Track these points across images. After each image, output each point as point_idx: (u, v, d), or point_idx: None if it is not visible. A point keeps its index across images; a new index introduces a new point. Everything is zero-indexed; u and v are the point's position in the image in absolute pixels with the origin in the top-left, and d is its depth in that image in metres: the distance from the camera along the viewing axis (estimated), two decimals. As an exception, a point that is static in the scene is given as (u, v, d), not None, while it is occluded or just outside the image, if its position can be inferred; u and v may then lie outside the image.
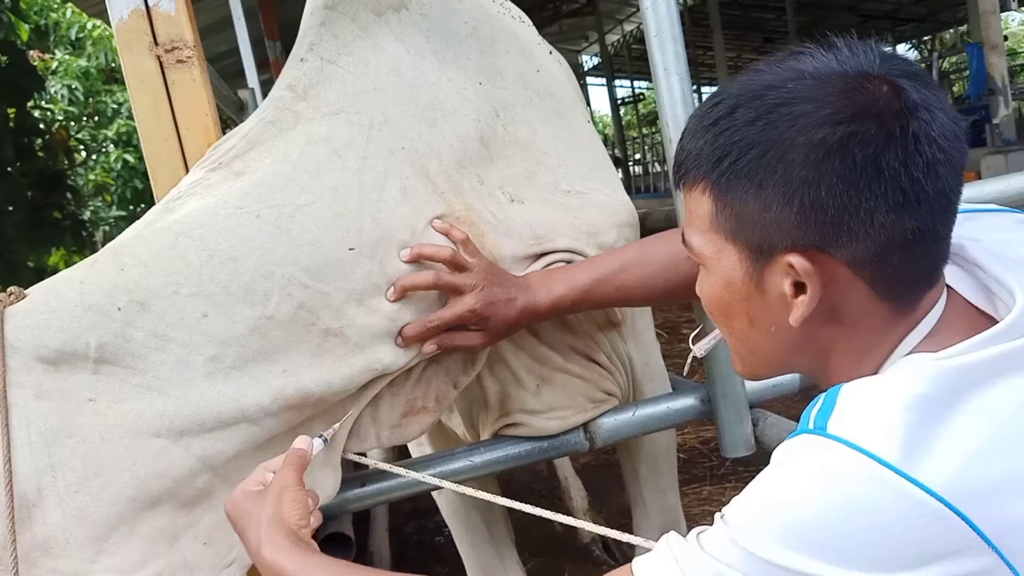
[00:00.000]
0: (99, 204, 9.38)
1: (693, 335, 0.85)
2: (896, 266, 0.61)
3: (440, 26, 1.14)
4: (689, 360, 0.86)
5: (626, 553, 2.45)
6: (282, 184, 0.92)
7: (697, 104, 1.16)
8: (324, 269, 0.90)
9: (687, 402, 1.22)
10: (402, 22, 1.10)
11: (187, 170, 1.02)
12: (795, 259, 0.61)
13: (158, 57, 0.99)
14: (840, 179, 0.59)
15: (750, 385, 1.21)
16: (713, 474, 3.01)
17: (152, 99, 0.99)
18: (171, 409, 0.82)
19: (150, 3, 1.00)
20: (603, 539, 2.52)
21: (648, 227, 1.35)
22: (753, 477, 0.63)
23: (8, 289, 0.83)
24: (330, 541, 1.07)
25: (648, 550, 1.49)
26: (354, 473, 1.15)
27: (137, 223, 0.93)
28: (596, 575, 2.48)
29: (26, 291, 0.84)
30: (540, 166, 1.19)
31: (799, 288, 0.62)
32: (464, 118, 1.11)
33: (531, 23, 1.44)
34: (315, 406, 0.92)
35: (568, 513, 2.67)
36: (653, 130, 24.50)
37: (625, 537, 0.92)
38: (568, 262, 1.13)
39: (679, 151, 0.70)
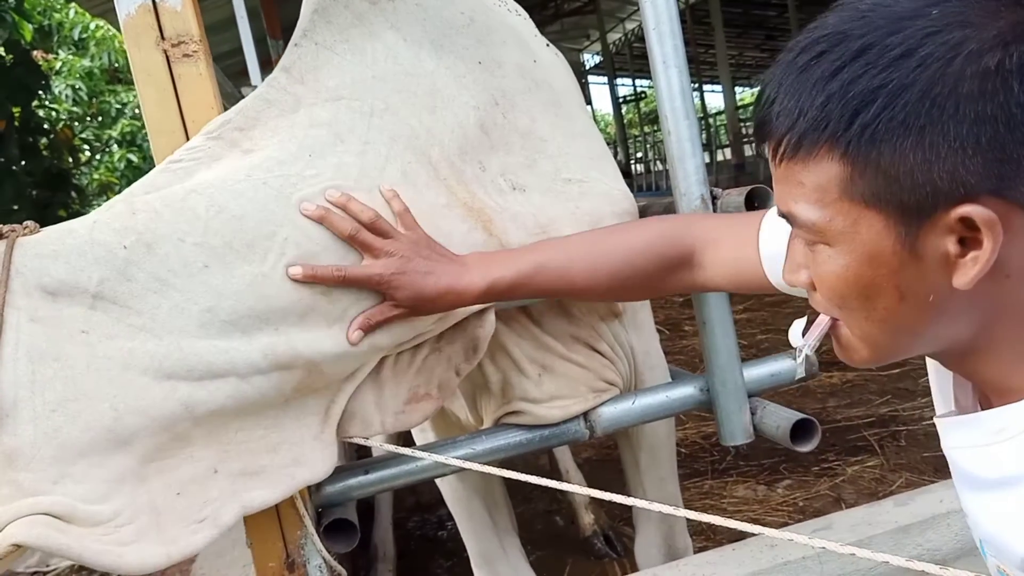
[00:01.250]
0: (103, 203, 9.41)
1: (794, 330, 0.73)
2: None
3: (436, 16, 1.15)
4: (801, 359, 0.72)
5: (627, 546, 2.46)
6: (289, 159, 0.95)
7: (696, 99, 1.19)
8: (318, 230, 0.92)
9: (686, 391, 1.24)
10: (398, 11, 1.11)
11: (193, 162, 1.04)
12: (972, 210, 0.53)
13: (165, 51, 1.01)
14: (1019, 107, 0.52)
15: (748, 374, 1.22)
16: (714, 468, 3.02)
17: (159, 93, 1.01)
18: (162, 351, 0.84)
19: (157, -2, 1.02)
20: (604, 532, 2.54)
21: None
22: (754, 471, 0.62)
23: (24, 223, 0.86)
24: (334, 528, 1.09)
25: (646, 540, 1.50)
26: (358, 461, 1.17)
27: (148, 177, 0.95)
28: (597, 568, 2.50)
29: (40, 227, 0.87)
30: (540, 154, 1.21)
31: (964, 244, 0.55)
32: (463, 105, 1.12)
33: (527, 16, 1.45)
34: (307, 369, 0.93)
35: (569, 507, 2.69)
36: (655, 128, 24.48)
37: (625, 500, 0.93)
38: None
39: (766, 118, 0.61)
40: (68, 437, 0.80)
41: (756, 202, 1.12)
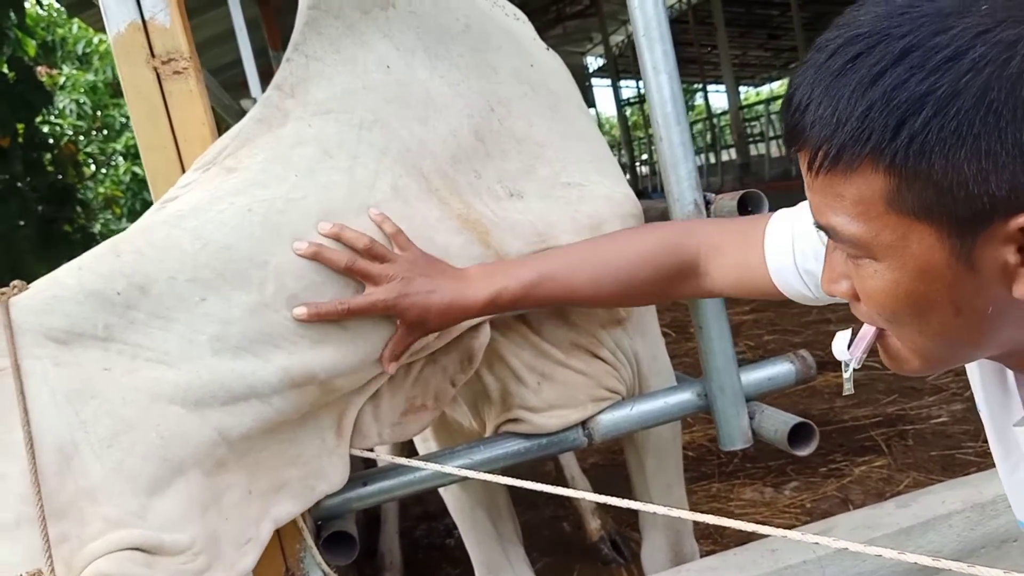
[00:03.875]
0: (109, 217, 9.48)
1: (839, 343, 0.68)
2: None
3: (431, 23, 1.15)
4: (849, 374, 0.68)
5: (634, 551, 2.46)
6: (274, 181, 0.94)
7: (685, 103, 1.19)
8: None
9: (684, 396, 1.23)
10: (390, 19, 1.11)
11: (185, 178, 1.04)
12: None
13: (155, 69, 1.02)
14: None
15: (746, 378, 1.21)
16: (722, 471, 3.01)
17: (150, 110, 1.02)
18: (184, 380, 0.85)
19: (146, 16, 1.02)
20: (611, 538, 2.53)
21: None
22: (761, 473, 0.60)
23: (12, 283, 0.86)
24: (334, 540, 1.09)
25: (653, 546, 1.49)
26: (357, 473, 1.17)
27: (136, 222, 0.96)
28: (605, 574, 2.49)
29: (28, 284, 0.87)
30: (538, 160, 1.20)
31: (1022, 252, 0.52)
32: (457, 113, 1.12)
33: (526, 19, 1.45)
34: (323, 388, 0.94)
35: (576, 513, 2.68)
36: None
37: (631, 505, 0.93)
38: None
39: (798, 128, 0.56)
40: (133, 469, 0.81)
41: (749, 206, 1.12)
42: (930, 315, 0.57)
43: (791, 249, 0.88)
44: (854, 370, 0.68)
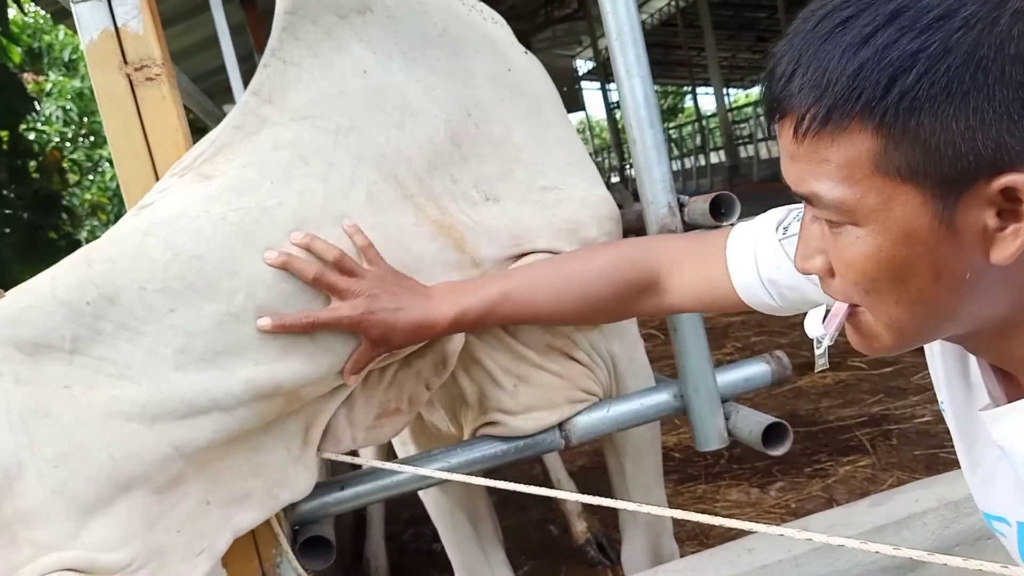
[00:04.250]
0: (95, 224, 9.44)
1: (811, 320, 0.69)
2: None
3: (408, 27, 1.15)
4: (823, 350, 0.68)
5: (620, 553, 2.46)
6: (249, 189, 0.94)
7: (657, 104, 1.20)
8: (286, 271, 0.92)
9: (660, 398, 1.24)
10: (367, 24, 1.11)
11: (158, 184, 1.04)
12: (1017, 179, 0.50)
13: (128, 75, 1.02)
14: None
15: (722, 379, 1.22)
16: (708, 472, 3.02)
17: (123, 117, 1.02)
18: (143, 396, 0.85)
19: (119, 23, 1.03)
20: (598, 540, 2.54)
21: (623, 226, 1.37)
22: (747, 474, 0.60)
23: None
24: (310, 545, 1.09)
25: (633, 547, 1.50)
26: (334, 477, 1.17)
27: (111, 229, 0.96)
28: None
29: (4, 292, 0.87)
30: (515, 164, 1.21)
31: (1004, 216, 0.52)
32: (434, 118, 1.12)
33: (504, 23, 1.46)
34: (288, 398, 0.94)
35: (563, 515, 2.69)
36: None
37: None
38: None
39: (782, 96, 0.57)
40: (76, 490, 0.81)
41: (722, 208, 1.13)
42: (909, 281, 0.57)
43: (753, 260, 0.90)
44: (828, 347, 0.68)
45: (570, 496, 0.99)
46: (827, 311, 0.67)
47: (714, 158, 16.85)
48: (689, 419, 1.22)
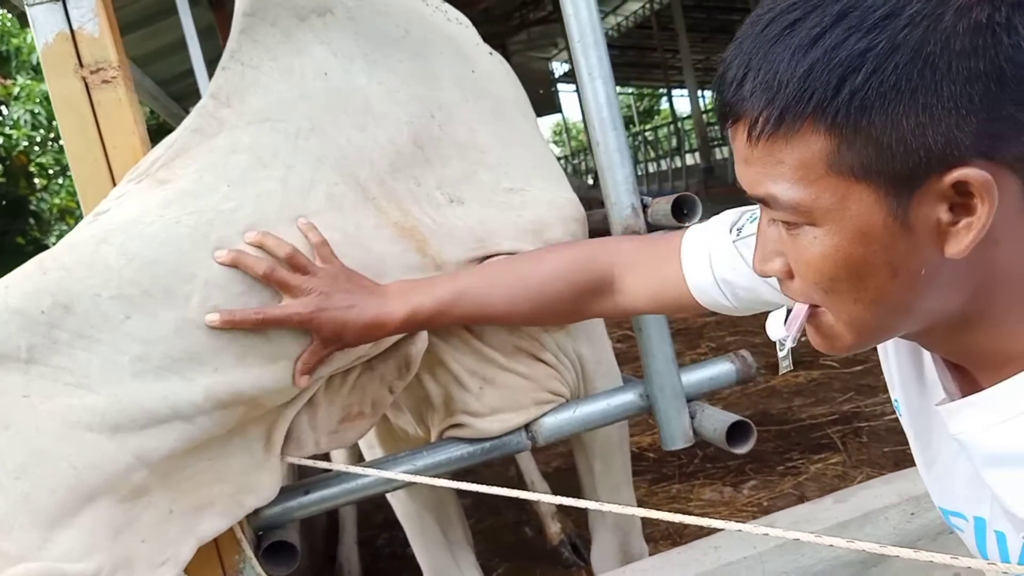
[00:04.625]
0: (64, 228, 9.31)
1: (773, 323, 0.70)
2: None
3: (370, 29, 1.15)
4: (785, 352, 0.68)
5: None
6: (205, 192, 0.93)
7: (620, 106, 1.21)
8: (243, 273, 0.91)
9: (626, 398, 1.24)
10: (328, 26, 1.11)
11: (115, 188, 1.03)
12: (968, 173, 0.51)
13: (83, 79, 1.01)
14: (1009, 61, 0.50)
15: (687, 378, 1.23)
16: (682, 472, 3.04)
17: (79, 120, 1.00)
18: (102, 405, 0.84)
19: (75, 26, 1.01)
20: (571, 541, 2.54)
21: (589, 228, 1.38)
22: (720, 473, 0.59)
23: None
24: (274, 550, 1.08)
25: (602, 547, 1.50)
26: (298, 481, 1.17)
27: (66, 236, 0.94)
28: (565, 576, 2.51)
29: None
30: (480, 166, 1.21)
31: (956, 210, 0.53)
32: (396, 121, 1.12)
33: (469, 23, 1.46)
34: (249, 405, 0.93)
35: (535, 516, 2.69)
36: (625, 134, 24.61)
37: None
38: None
39: (734, 100, 0.57)
40: (39, 501, 0.80)
41: (685, 209, 1.14)
42: (868, 279, 0.57)
43: (708, 261, 0.90)
44: (790, 348, 0.68)
45: (535, 496, 1.00)
46: (788, 313, 0.68)
47: (689, 160, 16.96)
48: (655, 418, 1.23)
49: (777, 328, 0.69)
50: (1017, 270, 0.57)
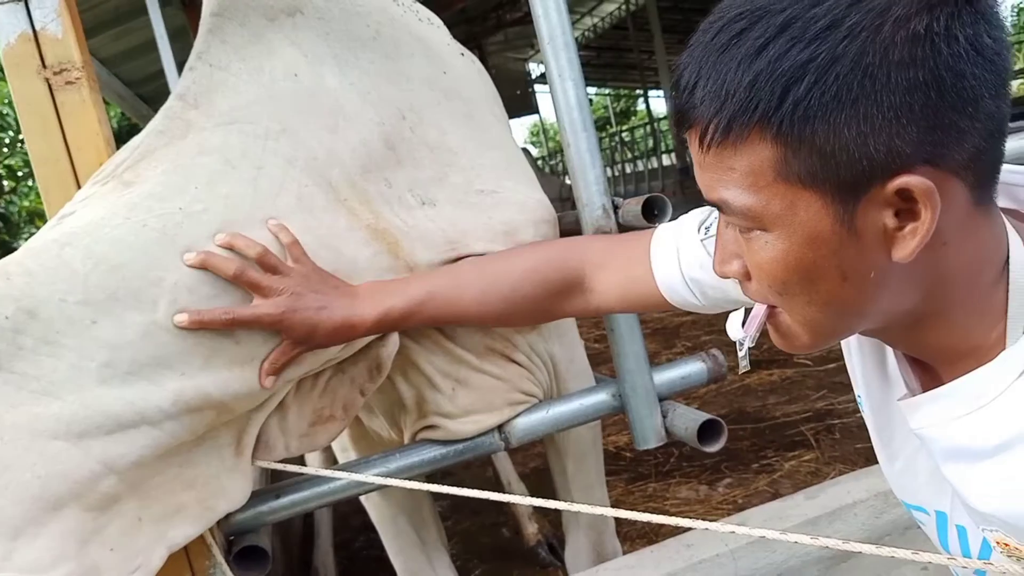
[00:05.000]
0: (34, 231, 9.15)
1: (732, 323, 0.72)
2: (989, 162, 0.55)
3: (340, 30, 1.14)
4: (744, 352, 0.69)
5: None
6: (172, 194, 0.92)
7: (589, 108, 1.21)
8: (212, 275, 0.90)
9: (599, 398, 1.25)
10: (297, 27, 1.10)
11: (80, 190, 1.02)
12: (910, 180, 0.52)
13: (47, 80, 0.99)
14: (948, 70, 0.50)
15: (658, 378, 1.24)
16: (658, 471, 3.06)
17: (42, 122, 0.99)
18: (68, 413, 0.82)
19: (37, 27, 1.00)
20: (548, 541, 2.55)
21: (560, 229, 1.38)
22: (696, 471, 0.60)
23: None
24: (245, 555, 1.07)
25: (575, 547, 1.50)
26: (269, 485, 1.16)
27: (30, 240, 0.93)
28: (542, 577, 2.51)
29: None
30: (451, 167, 1.21)
31: (899, 217, 0.54)
32: (367, 122, 1.11)
33: (440, 24, 1.46)
34: (218, 410, 0.92)
35: (513, 517, 2.69)
36: (602, 135, 24.73)
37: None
38: None
39: (687, 107, 0.58)
40: (3, 512, 0.79)
41: (655, 210, 1.14)
42: (819, 283, 0.58)
43: (676, 259, 0.91)
44: (748, 348, 0.69)
45: (506, 498, 1.00)
46: (746, 313, 0.69)
47: (666, 160, 17.05)
48: (627, 418, 1.24)
49: (736, 329, 0.71)
50: (966, 269, 0.58)
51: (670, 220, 1.15)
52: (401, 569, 1.45)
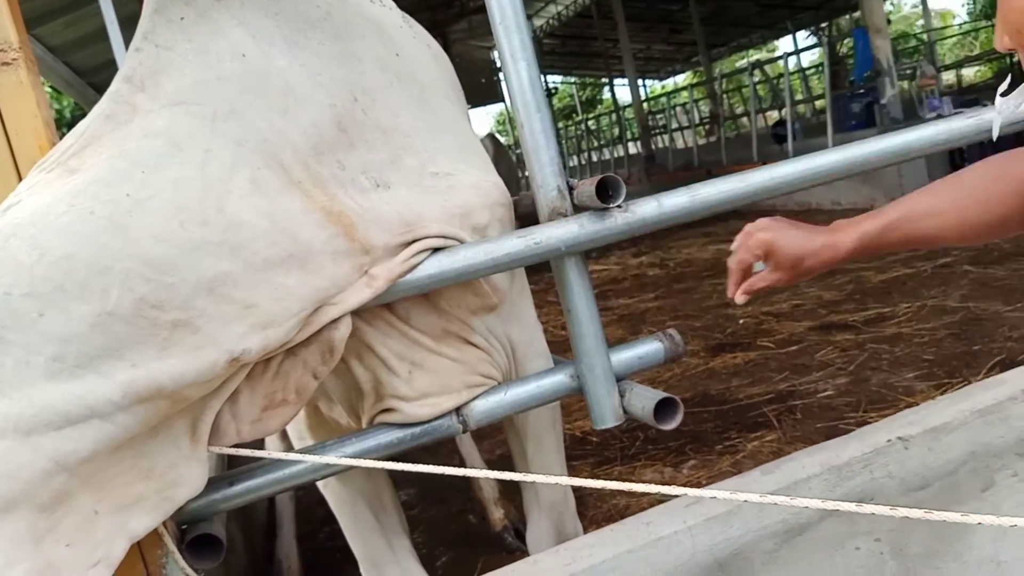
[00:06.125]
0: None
1: (1002, 93, 0.77)
2: None
3: (289, 10, 1.12)
4: (998, 118, 0.77)
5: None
6: (118, 180, 0.89)
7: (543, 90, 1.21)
8: (167, 261, 0.88)
9: (557, 379, 1.25)
10: (244, 6, 1.08)
11: (19, 174, 0.99)
12: None
13: (-18, 61, 0.97)
14: None
15: (616, 358, 1.24)
16: (624, 455, 3.08)
17: (-23, 104, 0.96)
18: (15, 410, 0.80)
19: (-30, 6, 0.97)
20: (514, 526, 2.55)
21: (518, 213, 1.38)
22: (661, 454, 0.61)
23: None
24: (199, 543, 1.06)
25: (536, 529, 1.50)
26: (223, 473, 1.14)
27: None
28: (508, 561, 2.51)
29: None
30: (405, 150, 1.20)
31: None
32: (319, 104, 1.10)
33: (393, 6, 1.44)
34: (171, 400, 0.90)
35: (479, 504, 2.69)
36: (568, 123, 24.74)
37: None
38: (437, 249, 1.14)
39: None
40: None
41: (610, 190, 1.14)
42: None
43: None
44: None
45: (461, 472, 1.00)
46: (1012, 86, 0.76)
47: (632, 148, 17.13)
48: (585, 398, 1.24)
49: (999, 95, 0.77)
50: None
51: (624, 201, 1.15)
52: (361, 556, 1.44)
